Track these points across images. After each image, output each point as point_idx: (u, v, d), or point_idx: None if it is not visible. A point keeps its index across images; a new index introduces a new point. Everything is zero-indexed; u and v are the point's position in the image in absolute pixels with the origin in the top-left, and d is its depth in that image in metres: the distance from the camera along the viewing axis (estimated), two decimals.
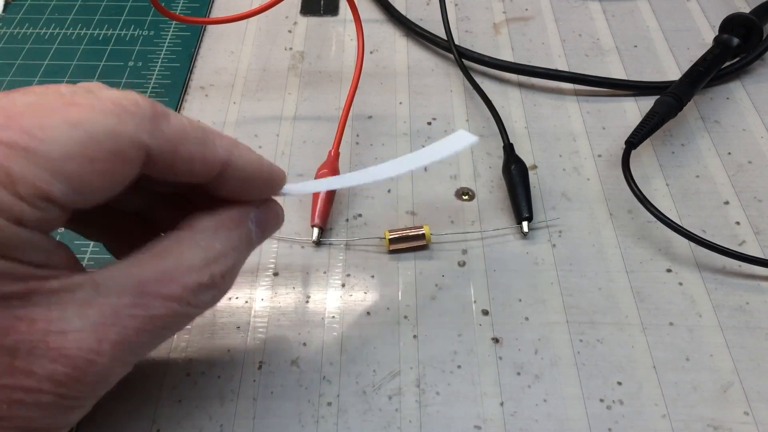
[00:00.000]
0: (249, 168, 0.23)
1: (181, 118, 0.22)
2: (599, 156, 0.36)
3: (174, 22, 0.44)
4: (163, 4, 0.37)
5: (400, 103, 0.39)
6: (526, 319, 0.29)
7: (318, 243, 0.32)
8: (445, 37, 0.41)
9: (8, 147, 0.18)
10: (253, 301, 0.30)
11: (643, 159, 0.36)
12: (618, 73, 0.41)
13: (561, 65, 0.41)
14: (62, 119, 0.19)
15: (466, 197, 0.34)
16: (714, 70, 0.38)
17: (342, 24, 0.45)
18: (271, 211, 0.25)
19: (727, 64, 0.40)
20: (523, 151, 0.36)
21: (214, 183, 0.23)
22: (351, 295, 0.30)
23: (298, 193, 0.27)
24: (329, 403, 0.26)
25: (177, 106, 0.38)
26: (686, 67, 0.39)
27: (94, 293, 0.20)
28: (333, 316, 0.29)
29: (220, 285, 0.22)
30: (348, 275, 0.31)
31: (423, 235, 0.31)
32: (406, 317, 0.29)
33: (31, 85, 0.38)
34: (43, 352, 0.19)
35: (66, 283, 0.19)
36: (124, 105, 0.20)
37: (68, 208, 0.19)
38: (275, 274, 0.31)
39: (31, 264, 0.19)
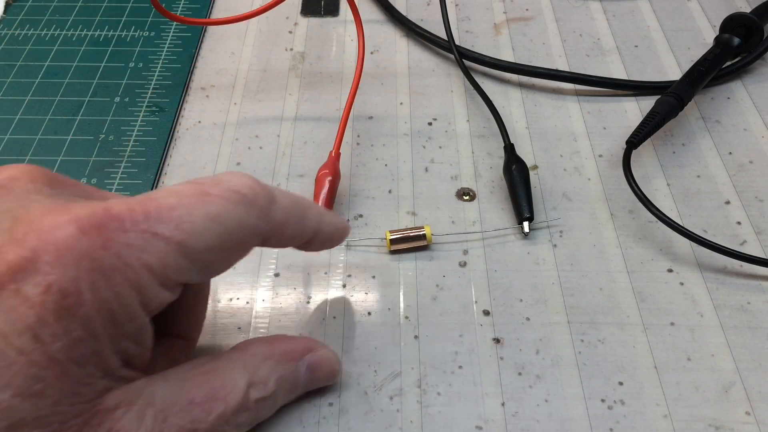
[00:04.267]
0: (331, 232, 0.26)
1: (285, 196, 0.23)
2: (600, 156, 0.36)
3: (174, 23, 0.44)
4: (163, 5, 0.37)
5: (401, 103, 0.39)
6: (527, 319, 0.29)
7: None
8: (445, 38, 0.41)
9: (166, 242, 0.19)
10: (254, 301, 0.30)
11: (644, 159, 0.36)
12: (619, 73, 0.41)
13: (562, 65, 0.41)
14: (203, 213, 0.20)
15: (467, 197, 0.34)
16: (715, 69, 0.38)
17: (342, 24, 0.45)
18: (324, 359, 0.26)
19: (728, 63, 0.40)
20: (523, 152, 0.36)
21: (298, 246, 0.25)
22: (352, 296, 0.30)
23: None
24: (330, 404, 0.26)
25: (178, 106, 0.38)
26: (687, 66, 0.39)
27: (151, 400, 0.21)
28: (334, 317, 0.29)
29: (253, 409, 0.23)
30: (349, 276, 0.31)
31: (424, 235, 0.31)
32: (407, 318, 0.29)
33: (32, 87, 0.39)
34: None
35: (139, 384, 0.21)
36: (245, 194, 0.21)
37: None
38: (276, 275, 0.31)
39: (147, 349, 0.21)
